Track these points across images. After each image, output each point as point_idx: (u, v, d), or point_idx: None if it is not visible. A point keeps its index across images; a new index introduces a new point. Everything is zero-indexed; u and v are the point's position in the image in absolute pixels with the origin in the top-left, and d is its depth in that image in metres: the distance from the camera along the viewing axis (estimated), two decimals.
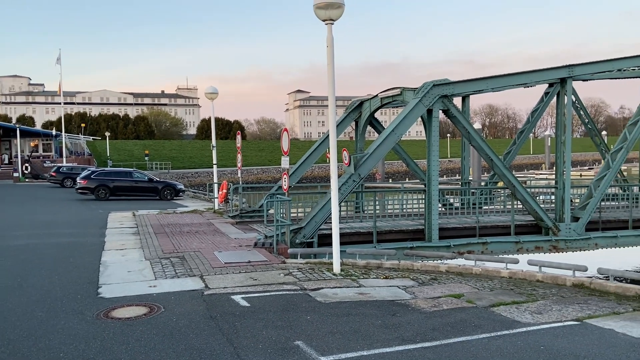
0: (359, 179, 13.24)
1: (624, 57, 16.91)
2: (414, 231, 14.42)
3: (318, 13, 9.50)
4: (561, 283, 8.94)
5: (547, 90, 17.96)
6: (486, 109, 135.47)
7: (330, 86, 9.73)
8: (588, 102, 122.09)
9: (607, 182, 15.60)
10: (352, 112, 18.31)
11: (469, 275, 9.83)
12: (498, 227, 15.44)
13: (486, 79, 15.70)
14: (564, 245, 15.13)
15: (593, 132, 20.86)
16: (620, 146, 15.99)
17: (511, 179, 14.75)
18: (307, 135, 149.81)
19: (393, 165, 66.22)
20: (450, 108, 14.33)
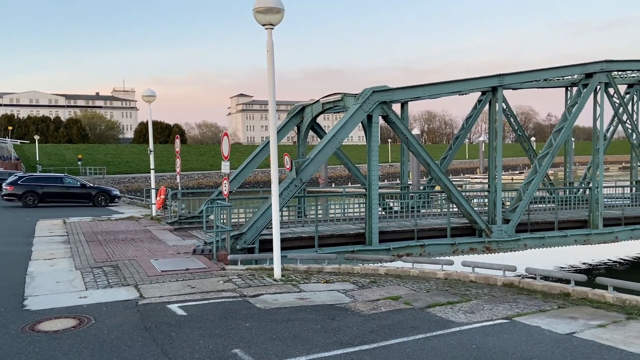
0: (301, 183, 13.25)
1: (549, 67, 17.98)
2: (355, 235, 14.58)
3: (258, 17, 9.45)
4: (492, 283, 9.34)
5: (480, 98, 18.81)
6: (425, 115, 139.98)
7: (270, 91, 9.69)
8: (518, 110, 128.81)
9: (534, 185, 16.46)
10: (294, 117, 18.33)
11: (407, 277, 10.06)
12: (435, 229, 15.91)
13: (423, 86, 16.18)
14: (496, 247, 15.82)
15: (522, 138, 22.01)
16: (546, 152, 16.93)
17: (447, 183, 15.26)
18: (250, 139, 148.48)
19: (336, 169, 66.88)
20: (389, 114, 14.65)
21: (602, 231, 17.35)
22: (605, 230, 17.42)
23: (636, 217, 18.54)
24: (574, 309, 7.70)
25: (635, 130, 18.94)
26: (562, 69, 18.02)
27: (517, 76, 17.21)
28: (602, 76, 17.11)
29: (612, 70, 17.65)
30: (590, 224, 17.42)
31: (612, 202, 20.77)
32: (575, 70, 17.59)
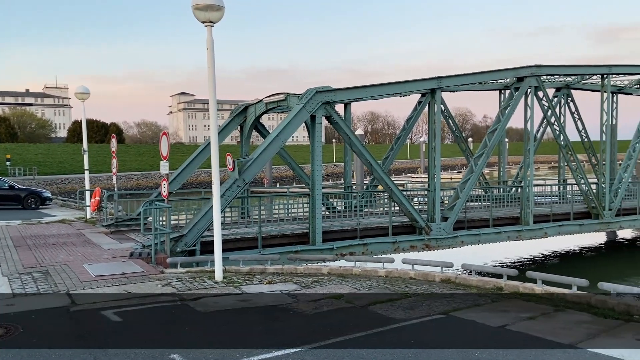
0: (244, 184, 13.10)
1: (484, 71, 18.75)
2: (299, 235, 14.59)
3: (197, 14, 9.25)
4: (431, 279, 9.62)
5: (420, 100, 19.30)
6: (368, 115, 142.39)
7: (210, 90, 9.51)
8: (456, 111, 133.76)
9: (471, 184, 17.12)
10: (237, 116, 18.10)
11: (350, 276, 10.17)
12: (378, 228, 16.19)
13: (366, 87, 16.44)
14: (435, 244, 16.32)
15: (460, 139, 22.83)
16: (481, 152, 17.65)
17: (388, 182, 15.57)
18: (193, 139, 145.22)
19: (281, 169, 66.67)
20: (332, 114, 14.77)
21: (533, 227, 18.30)
22: (536, 226, 18.38)
23: (563, 214, 19.68)
24: (506, 302, 8.06)
25: (563, 131, 20.10)
26: (496, 73, 18.86)
27: (454, 79, 17.84)
28: (532, 80, 18.03)
29: (542, 74, 18.65)
30: (522, 220, 18.31)
31: (542, 199, 21.96)
32: (508, 74, 18.44)
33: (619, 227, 21.33)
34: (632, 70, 21.64)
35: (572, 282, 8.19)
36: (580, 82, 23.16)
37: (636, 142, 21.10)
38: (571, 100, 23.30)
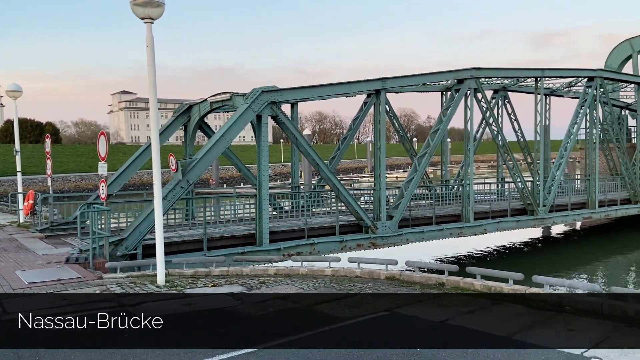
0: (188, 185, 12.81)
1: (426, 73, 19.27)
2: (245, 236, 14.44)
3: (136, 11, 8.96)
4: (376, 277, 9.77)
5: (366, 100, 19.59)
6: (316, 116, 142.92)
7: (151, 88, 9.24)
8: (401, 112, 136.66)
9: (415, 183, 17.54)
10: (181, 116, 17.67)
11: (296, 276, 10.16)
12: (325, 228, 16.29)
13: (312, 87, 16.50)
14: (381, 242, 16.60)
15: (404, 139, 23.33)
16: (424, 152, 18.11)
17: (335, 182, 15.69)
18: (135, 139, 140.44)
19: (228, 170, 65.72)
20: (278, 114, 14.71)
21: (473, 224, 18.98)
22: (476, 223, 19.08)
23: (501, 211, 20.53)
24: (448, 297, 8.31)
25: (500, 132, 20.97)
26: (438, 75, 19.44)
27: (398, 80, 18.24)
28: (471, 82, 18.69)
29: (480, 77, 19.37)
30: (463, 217, 18.95)
31: (482, 197, 22.83)
32: (449, 76, 19.04)
33: (553, 222, 22.51)
34: (563, 74, 22.91)
35: (508, 276, 8.55)
36: (516, 85, 24.27)
37: (567, 142, 22.32)
38: (508, 101, 24.38)
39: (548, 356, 5.60)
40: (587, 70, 22.99)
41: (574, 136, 22.64)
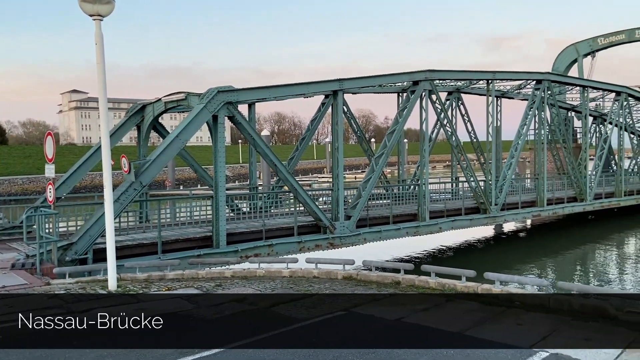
0: (141, 187, 12.47)
1: (382, 74, 19.53)
2: (202, 238, 14.19)
3: (84, 7, 8.65)
4: (334, 277, 9.81)
5: (324, 101, 19.67)
6: (275, 116, 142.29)
7: (100, 87, 8.95)
8: (360, 113, 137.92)
9: (372, 183, 17.73)
10: (134, 116, 17.18)
11: (253, 278, 10.08)
12: (283, 229, 16.22)
13: (269, 88, 16.41)
14: (339, 242, 16.69)
15: (362, 139, 23.58)
16: (381, 152, 18.34)
17: (293, 183, 15.65)
18: (87, 140, 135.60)
19: (185, 171, 64.54)
20: (235, 115, 14.55)
21: (429, 223, 19.36)
22: (431, 222, 19.47)
23: (456, 210, 21.03)
24: (403, 296, 8.43)
25: (454, 133, 21.49)
26: (394, 76, 19.74)
27: (355, 81, 18.39)
28: (426, 84, 19.06)
29: (435, 79, 19.78)
30: (419, 217, 19.30)
31: (437, 196, 23.33)
32: (404, 77, 19.35)
33: (504, 220, 23.25)
34: (513, 77, 23.71)
35: (461, 273, 8.76)
36: (469, 87, 24.94)
37: (517, 142, 23.11)
38: (461, 103, 25.02)
39: (498, 350, 5.77)
40: (535, 74, 23.88)
41: (524, 137, 23.47)
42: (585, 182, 26.17)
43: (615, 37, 37.43)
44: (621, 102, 28.85)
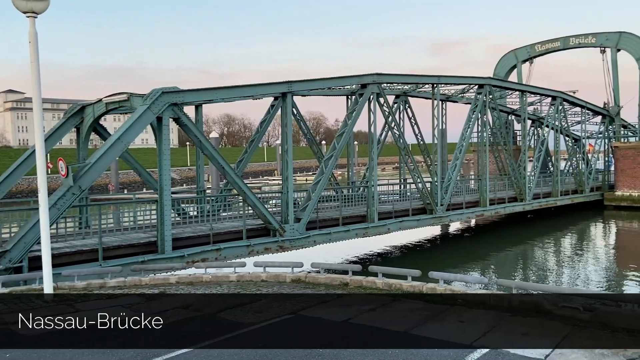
0: (80, 191, 11.96)
1: (331, 77, 19.68)
2: (146, 244, 13.75)
3: (17, 4, 8.21)
4: (282, 280, 9.75)
5: (273, 103, 19.55)
6: (224, 118, 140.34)
7: (35, 86, 8.51)
8: (310, 115, 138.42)
9: (322, 185, 17.79)
10: (72, 117, 16.42)
11: (200, 283, 9.86)
12: (232, 232, 15.98)
13: (216, 89, 16.13)
14: (289, 245, 16.63)
15: (311, 142, 23.64)
16: (331, 154, 18.45)
17: (242, 186, 15.46)
18: (24, 142, 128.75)
19: (129, 175, 62.52)
20: (180, 116, 14.21)
21: (378, 224, 19.64)
22: (380, 223, 19.76)
23: (404, 211, 21.44)
24: (351, 297, 8.49)
25: (401, 135, 21.92)
26: (343, 79, 19.91)
27: (305, 84, 18.41)
28: (374, 87, 19.35)
29: (382, 82, 20.12)
30: (368, 218, 19.55)
31: (386, 198, 23.72)
32: (353, 80, 19.57)
33: (449, 220, 23.93)
34: (456, 81, 24.49)
35: (407, 273, 8.92)
36: (416, 90, 25.54)
37: (461, 145, 23.85)
38: (408, 106, 25.58)
39: (440, 347, 5.89)
40: (477, 78, 24.76)
41: (467, 139, 24.24)
42: (525, 182, 27.35)
43: (551, 44, 39.39)
44: (557, 106, 30.41)
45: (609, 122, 36.04)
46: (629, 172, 32.89)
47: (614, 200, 33.29)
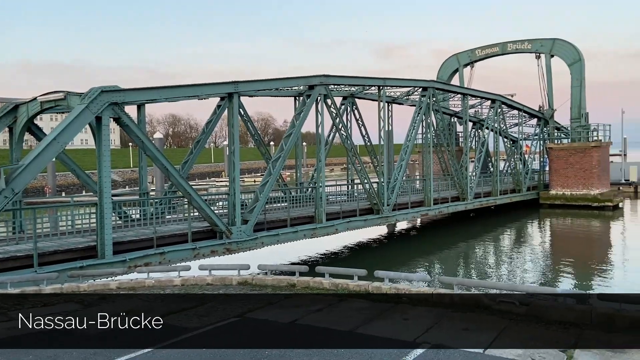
0: (13, 194, 11.31)
1: (279, 78, 19.64)
2: (85, 249, 13.17)
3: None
4: (228, 283, 9.62)
5: (219, 104, 19.25)
6: (169, 118, 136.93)
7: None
8: (259, 116, 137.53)
9: (269, 186, 17.70)
10: (5, 117, 15.51)
11: (142, 288, 9.56)
12: (177, 235, 15.59)
13: (159, 88, 15.71)
14: (236, 247, 16.42)
15: (259, 143, 23.46)
16: (278, 155, 18.38)
17: (187, 187, 15.13)
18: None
19: (67, 177, 59.75)
20: (121, 116, 13.74)
21: (326, 225, 19.76)
22: (328, 223, 19.89)
23: (351, 211, 21.69)
24: (298, 298, 8.49)
25: (349, 136, 22.16)
26: (290, 80, 19.91)
27: (251, 84, 18.25)
28: (321, 88, 19.45)
29: (330, 83, 20.27)
30: (316, 219, 19.62)
31: (334, 198, 23.90)
32: (300, 82, 19.60)
33: (396, 220, 24.42)
34: (402, 84, 25.06)
35: (353, 273, 9.02)
36: (363, 92, 25.92)
37: (407, 146, 24.40)
38: (356, 108, 25.89)
39: (384, 346, 5.99)
40: (421, 81, 25.41)
41: (412, 140, 24.83)
42: (467, 182, 28.34)
43: (491, 49, 41.03)
44: (496, 109, 31.72)
45: (543, 124, 37.93)
46: (562, 172, 34.76)
47: (548, 198, 35.07)
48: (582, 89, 36.23)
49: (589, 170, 33.83)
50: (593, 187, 33.71)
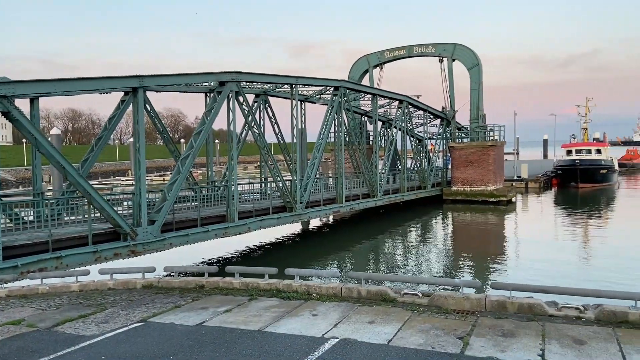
0: None
1: (188, 73, 18.96)
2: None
3: None
4: (132, 287, 9.16)
5: (124, 98, 18.23)
6: (69, 113, 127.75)
7: None
8: (169, 112, 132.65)
9: (178, 185, 17.08)
10: None
11: (35, 295, 8.84)
12: (75, 238, 14.55)
13: (55, 81, 14.57)
14: (142, 249, 15.68)
15: (168, 140, 22.57)
16: (188, 153, 17.79)
17: (86, 187, 14.19)
18: None
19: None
20: (11, 110, 12.56)
21: (238, 224, 19.45)
22: (240, 222, 19.59)
23: (264, 209, 21.56)
24: (207, 299, 8.28)
25: (261, 134, 21.99)
26: (200, 76, 19.33)
27: (158, 79, 17.50)
28: (233, 85, 19.11)
29: (242, 80, 19.96)
30: (228, 218, 19.26)
31: (247, 197, 23.62)
32: (211, 78, 19.11)
33: (308, 217, 24.64)
34: (314, 83, 25.30)
35: (264, 271, 8.97)
36: (276, 90, 25.84)
37: (319, 144, 24.72)
38: (269, 105, 25.77)
39: (293, 343, 6.01)
40: (333, 81, 25.85)
41: (325, 139, 25.18)
42: (377, 180, 29.29)
43: (398, 51, 42.73)
44: (403, 109, 33.08)
45: (446, 124, 40.20)
46: (462, 170, 37.10)
47: (451, 194, 37.27)
48: (480, 92, 38.90)
49: (486, 168, 36.40)
50: (490, 183, 36.33)
